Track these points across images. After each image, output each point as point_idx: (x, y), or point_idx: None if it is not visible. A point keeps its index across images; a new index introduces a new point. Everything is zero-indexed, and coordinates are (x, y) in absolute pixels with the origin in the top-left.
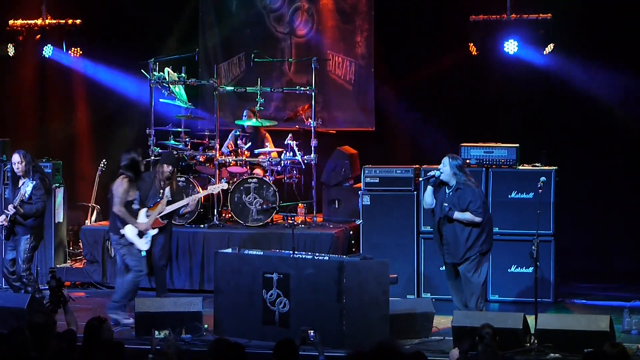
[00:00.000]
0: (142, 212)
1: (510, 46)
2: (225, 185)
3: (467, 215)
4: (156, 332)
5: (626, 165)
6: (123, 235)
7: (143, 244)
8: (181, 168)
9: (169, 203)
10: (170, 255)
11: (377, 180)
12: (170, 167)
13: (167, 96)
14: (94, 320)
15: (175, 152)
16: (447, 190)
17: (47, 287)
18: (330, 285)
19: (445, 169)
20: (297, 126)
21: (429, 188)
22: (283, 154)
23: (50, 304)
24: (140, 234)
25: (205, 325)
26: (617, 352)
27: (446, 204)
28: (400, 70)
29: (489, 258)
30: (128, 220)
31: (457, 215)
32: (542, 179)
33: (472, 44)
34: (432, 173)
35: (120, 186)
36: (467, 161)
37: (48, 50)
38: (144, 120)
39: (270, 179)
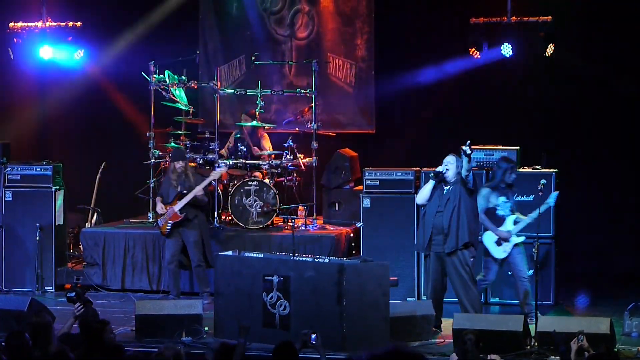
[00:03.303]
0: (510, 219)
1: (511, 48)
2: (224, 169)
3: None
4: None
5: (627, 168)
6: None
7: (500, 252)
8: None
9: (183, 196)
10: (205, 255)
11: (378, 183)
12: (181, 162)
13: (168, 99)
14: (96, 323)
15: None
16: (444, 187)
17: (71, 292)
18: (330, 288)
19: (452, 166)
20: (297, 129)
21: (431, 183)
22: (283, 157)
23: (81, 306)
24: (498, 242)
25: (206, 328)
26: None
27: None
28: (401, 73)
29: (474, 254)
30: (489, 227)
31: (465, 161)
32: (543, 181)
33: (472, 46)
34: (440, 169)
35: (479, 195)
36: None
37: (48, 53)
38: (145, 122)
39: (271, 181)
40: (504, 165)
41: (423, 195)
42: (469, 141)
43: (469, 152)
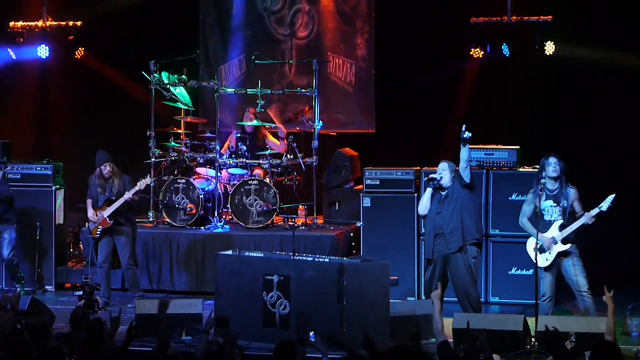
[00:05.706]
0: (555, 225)
1: (511, 48)
2: (148, 180)
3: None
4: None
5: (627, 167)
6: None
7: (542, 260)
8: (181, 169)
9: (111, 202)
10: (136, 259)
11: (378, 182)
12: (98, 169)
13: (169, 98)
14: (94, 322)
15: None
16: (442, 193)
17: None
18: (330, 287)
19: (445, 172)
20: (297, 128)
21: (429, 191)
22: (283, 156)
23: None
24: (541, 249)
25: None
26: None
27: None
28: (401, 72)
29: (475, 254)
30: (530, 232)
31: (464, 150)
32: (543, 181)
33: (472, 46)
34: (434, 176)
35: (525, 200)
36: None
37: (47, 52)
38: (145, 122)
39: (271, 180)
40: (543, 163)
41: (423, 204)
42: (464, 125)
43: (466, 136)
